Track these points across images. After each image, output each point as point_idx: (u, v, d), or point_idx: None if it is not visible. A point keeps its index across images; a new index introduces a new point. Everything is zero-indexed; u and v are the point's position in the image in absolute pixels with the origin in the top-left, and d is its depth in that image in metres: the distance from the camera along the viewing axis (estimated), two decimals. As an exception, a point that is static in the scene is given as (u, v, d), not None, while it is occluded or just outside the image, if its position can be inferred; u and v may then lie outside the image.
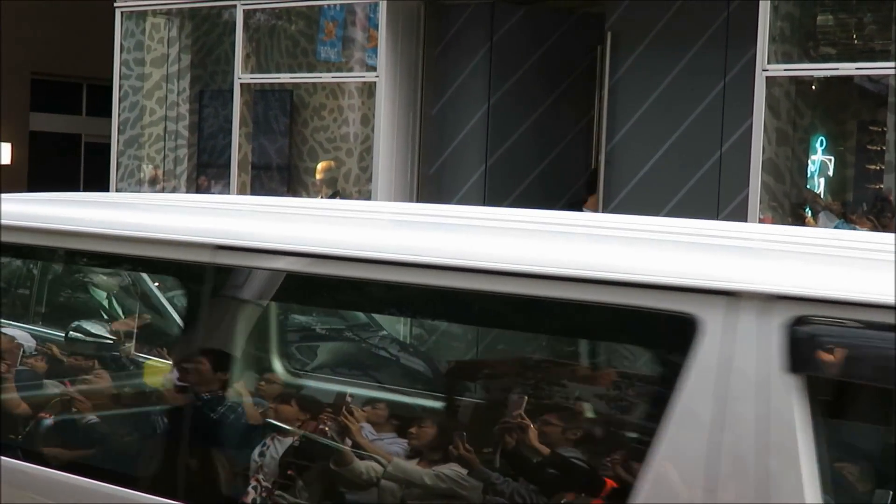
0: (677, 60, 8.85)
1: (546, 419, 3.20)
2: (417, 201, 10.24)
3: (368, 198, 10.24)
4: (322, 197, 10.72)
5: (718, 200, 8.67)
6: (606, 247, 2.97)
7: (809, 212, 8.34)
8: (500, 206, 9.85)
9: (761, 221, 8.24)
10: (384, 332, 5.29)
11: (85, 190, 19.00)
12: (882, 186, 8.11)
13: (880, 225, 8.05)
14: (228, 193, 11.21)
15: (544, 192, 9.82)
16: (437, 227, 3.34)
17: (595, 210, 9.03)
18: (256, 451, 3.52)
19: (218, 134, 11.55)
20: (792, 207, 8.42)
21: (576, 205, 9.13)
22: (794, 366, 2.49)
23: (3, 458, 3.80)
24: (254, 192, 11.24)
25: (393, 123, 10.06)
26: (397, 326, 5.35)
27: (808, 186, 8.62)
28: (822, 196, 8.56)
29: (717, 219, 8.72)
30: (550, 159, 10.16)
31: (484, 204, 10.04)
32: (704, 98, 8.72)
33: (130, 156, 12.22)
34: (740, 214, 8.35)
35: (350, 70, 10.73)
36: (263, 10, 11.01)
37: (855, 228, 7.89)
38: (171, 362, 4.16)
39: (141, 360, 4.51)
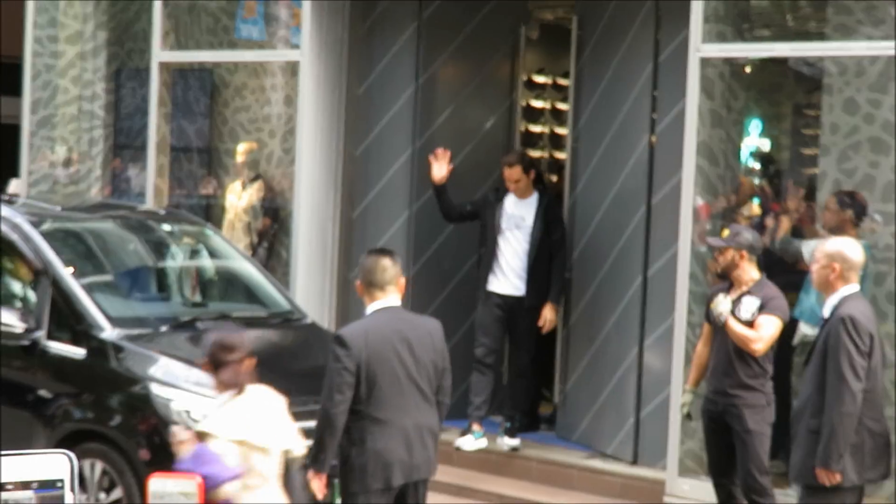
0: (619, 44, 8.77)
1: None
2: (342, 183, 10.05)
3: (291, 181, 10.04)
4: (244, 180, 10.50)
5: (651, 185, 8.55)
6: None
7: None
8: (428, 190, 9.70)
9: (697, 209, 8.18)
10: None
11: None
12: (818, 171, 8.09)
13: (807, 209, 8.01)
14: (145, 176, 10.95)
15: (474, 175, 9.72)
16: None
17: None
18: None
19: (135, 114, 11.24)
20: (727, 192, 8.36)
21: (503, 189, 9.07)
22: None
23: None
24: (172, 176, 10.99)
25: (317, 103, 9.84)
26: None
27: (743, 171, 8.58)
28: (756, 183, 8.50)
29: (651, 203, 8.66)
30: (477, 141, 10.03)
31: (412, 187, 9.87)
32: (637, 82, 8.65)
33: (43, 136, 11.89)
34: (673, 199, 8.23)
35: (273, 49, 10.51)
36: (183, -15, 10.75)
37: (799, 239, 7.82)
38: None
39: None
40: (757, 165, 8.74)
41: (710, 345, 6.95)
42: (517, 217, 8.85)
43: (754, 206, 8.43)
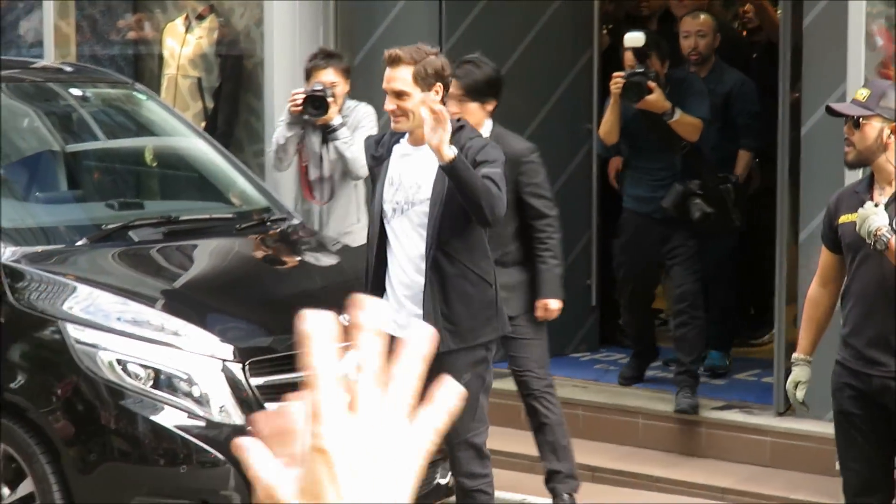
0: None
1: None
2: (336, 15, 9.75)
3: (259, 14, 9.77)
4: (189, 16, 10.26)
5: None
6: None
7: None
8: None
9: (874, 34, 7.90)
10: None
11: None
12: None
13: None
14: (40, 16, 10.72)
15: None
16: None
17: None
18: None
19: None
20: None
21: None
22: None
23: None
24: (81, 15, 10.75)
25: None
26: None
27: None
28: None
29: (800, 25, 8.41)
30: None
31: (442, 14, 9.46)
32: None
33: None
34: (833, 18, 7.96)
35: None
36: None
37: None
38: None
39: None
40: None
41: (830, 286, 6.42)
42: None
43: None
